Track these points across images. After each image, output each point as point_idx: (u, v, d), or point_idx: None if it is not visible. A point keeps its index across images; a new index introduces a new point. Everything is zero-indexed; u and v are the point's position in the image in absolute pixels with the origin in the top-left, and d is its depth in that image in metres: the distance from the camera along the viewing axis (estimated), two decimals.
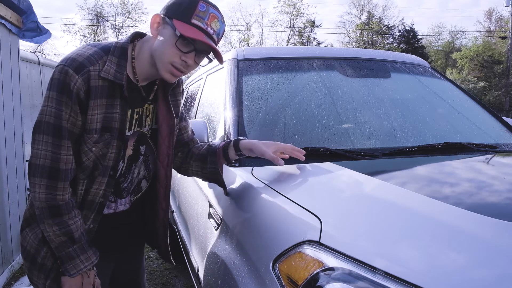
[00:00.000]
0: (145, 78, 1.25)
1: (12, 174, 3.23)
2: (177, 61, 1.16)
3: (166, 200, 1.40)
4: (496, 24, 35.22)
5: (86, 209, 1.22)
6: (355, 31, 32.88)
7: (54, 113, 1.10)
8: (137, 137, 1.30)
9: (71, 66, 1.09)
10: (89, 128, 1.14)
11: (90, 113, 1.13)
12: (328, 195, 1.15)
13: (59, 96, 1.09)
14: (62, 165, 1.12)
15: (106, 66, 1.13)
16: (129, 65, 1.21)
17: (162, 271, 3.32)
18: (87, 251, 1.18)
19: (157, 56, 1.17)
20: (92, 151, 1.17)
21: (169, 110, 1.32)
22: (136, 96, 1.25)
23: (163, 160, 1.35)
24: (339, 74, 1.98)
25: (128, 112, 1.23)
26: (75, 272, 1.17)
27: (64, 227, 1.14)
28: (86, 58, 1.12)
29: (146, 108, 1.30)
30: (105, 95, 1.15)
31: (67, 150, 1.12)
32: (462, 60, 29.05)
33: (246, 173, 1.38)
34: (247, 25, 31.64)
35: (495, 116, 2.07)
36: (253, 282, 1.00)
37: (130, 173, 1.32)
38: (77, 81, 1.09)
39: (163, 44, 1.16)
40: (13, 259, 3.23)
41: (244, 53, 2.00)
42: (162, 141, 1.33)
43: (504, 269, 0.75)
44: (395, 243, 0.86)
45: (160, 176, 1.37)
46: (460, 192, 1.14)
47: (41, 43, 4.13)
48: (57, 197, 1.13)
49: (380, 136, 1.72)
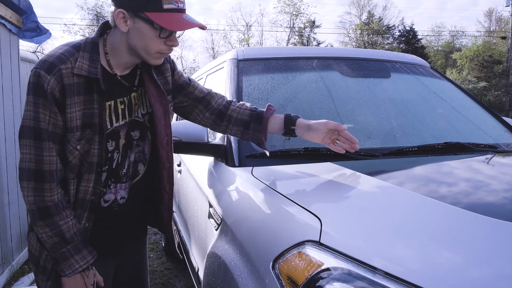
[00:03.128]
0: (125, 68, 1.24)
1: (12, 174, 3.23)
2: (164, 48, 1.17)
3: (170, 182, 1.37)
4: (496, 24, 35.23)
5: (79, 208, 1.21)
6: (355, 31, 32.87)
7: (32, 116, 1.11)
8: (130, 125, 1.28)
9: (43, 68, 1.11)
10: (70, 127, 1.14)
11: (69, 111, 1.13)
12: (328, 195, 1.15)
13: (35, 99, 1.11)
14: (46, 167, 1.13)
15: (78, 62, 1.13)
16: (103, 59, 1.20)
17: (162, 271, 3.31)
18: (81, 251, 1.18)
19: (141, 49, 1.16)
20: (77, 149, 1.16)
21: (159, 90, 1.30)
22: (115, 86, 1.23)
23: (162, 140, 1.32)
24: (339, 74, 1.98)
25: (111, 103, 1.22)
26: (70, 272, 1.17)
27: (55, 228, 1.14)
28: (56, 58, 1.12)
29: (134, 96, 1.28)
30: (82, 92, 1.15)
31: (49, 151, 1.13)
32: (462, 60, 29.04)
33: (246, 173, 1.38)
34: (247, 25, 31.64)
35: (495, 116, 2.07)
36: (253, 282, 1.00)
37: (127, 159, 1.30)
38: (49, 81, 1.10)
39: (143, 38, 1.14)
40: (13, 259, 3.22)
41: (244, 53, 2.00)
42: (158, 121, 1.30)
43: (503, 268, 0.76)
44: (395, 243, 0.86)
45: (162, 157, 1.34)
46: (460, 192, 1.14)
47: (41, 43, 4.13)
48: (45, 199, 1.13)
49: (380, 136, 1.72)
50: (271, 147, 1.53)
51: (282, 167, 1.40)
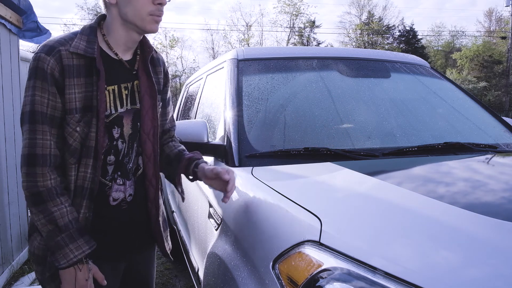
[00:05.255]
0: (126, 48, 1.25)
1: (12, 174, 3.23)
2: (153, 8, 1.17)
3: (156, 176, 1.34)
4: (496, 24, 35.24)
5: (79, 197, 1.19)
6: (355, 31, 32.87)
7: (29, 100, 1.12)
8: (134, 114, 1.28)
9: (43, 51, 1.13)
10: (68, 108, 1.14)
11: (67, 92, 1.14)
12: (328, 195, 1.15)
13: (34, 82, 1.12)
14: (38, 150, 1.12)
15: (74, 42, 1.15)
16: (102, 42, 1.22)
17: (162, 271, 3.31)
18: (76, 240, 1.13)
19: (132, 17, 1.17)
20: (76, 131, 1.16)
21: (150, 81, 1.30)
22: (120, 70, 1.24)
23: (148, 132, 1.31)
24: (339, 74, 1.98)
25: (115, 88, 1.22)
26: (65, 262, 1.12)
27: (48, 215, 1.12)
28: (56, 41, 1.15)
29: (136, 84, 1.28)
30: (83, 74, 1.16)
31: (42, 134, 1.12)
32: (462, 60, 29.04)
33: (246, 173, 1.38)
34: (247, 25, 31.63)
35: (495, 116, 2.07)
36: (253, 282, 1.00)
37: (133, 152, 1.29)
38: (49, 61, 1.11)
39: (131, 2, 1.16)
40: (13, 259, 3.22)
41: (244, 53, 2.00)
42: (145, 113, 1.29)
43: (501, 268, 0.76)
44: (395, 243, 0.86)
45: (147, 149, 1.31)
46: (459, 192, 1.14)
47: (41, 43, 4.13)
48: (38, 183, 1.12)
49: (380, 136, 1.72)
50: (271, 147, 1.54)
51: (282, 167, 1.40)
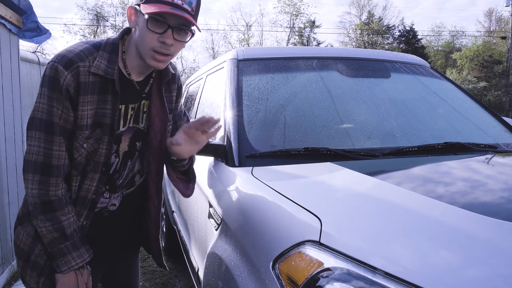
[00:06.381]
0: (138, 72, 1.24)
1: (12, 174, 3.23)
2: (156, 44, 1.13)
3: (159, 197, 1.39)
4: (496, 24, 35.22)
5: (80, 206, 1.21)
6: (355, 31, 32.85)
7: (46, 109, 1.11)
8: (134, 133, 1.29)
9: (61, 63, 1.10)
10: (80, 124, 1.14)
11: (80, 109, 1.13)
12: (328, 195, 1.15)
13: (50, 92, 1.10)
14: (54, 161, 1.12)
15: (96, 61, 1.13)
16: (120, 60, 1.20)
17: (162, 271, 3.31)
18: (79, 248, 1.18)
19: (139, 46, 1.16)
20: (83, 147, 1.16)
21: (163, 105, 1.30)
22: (130, 91, 1.24)
23: (154, 155, 1.33)
24: (339, 74, 1.98)
25: (122, 107, 1.22)
26: (66, 269, 1.16)
27: (57, 223, 1.14)
28: (75, 54, 1.12)
29: (144, 104, 1.29)
30: (97, 91, 1.15)
31: (59, 146, 1.13)
32: (462, 60, 29.03)
33: (246, 173, 1.38)
34: (247, 25, 31.61)
35: (495, 116, 2.07)
36: (253, 282, 1.00)
37: (126, 169, 1.31)
38: (66, 77, 1.10)
39: (139, 32, 1.14)
40: (13, 259, 3.23)
41: (244, 53, 2.00)
42: (154, 136, 1.31)
43: (502, 268, 0.76)
44: (394, 243, 0.86)
45: (151, 171, 1.35)
46: (459, 191, 1.14)
47: (41, 43, 4.13)
48: (50, 193, 1.13)
49: (380, 136, 1.72)
50: (271, 147, 1.54)
51: (282, 167, 1.40)
